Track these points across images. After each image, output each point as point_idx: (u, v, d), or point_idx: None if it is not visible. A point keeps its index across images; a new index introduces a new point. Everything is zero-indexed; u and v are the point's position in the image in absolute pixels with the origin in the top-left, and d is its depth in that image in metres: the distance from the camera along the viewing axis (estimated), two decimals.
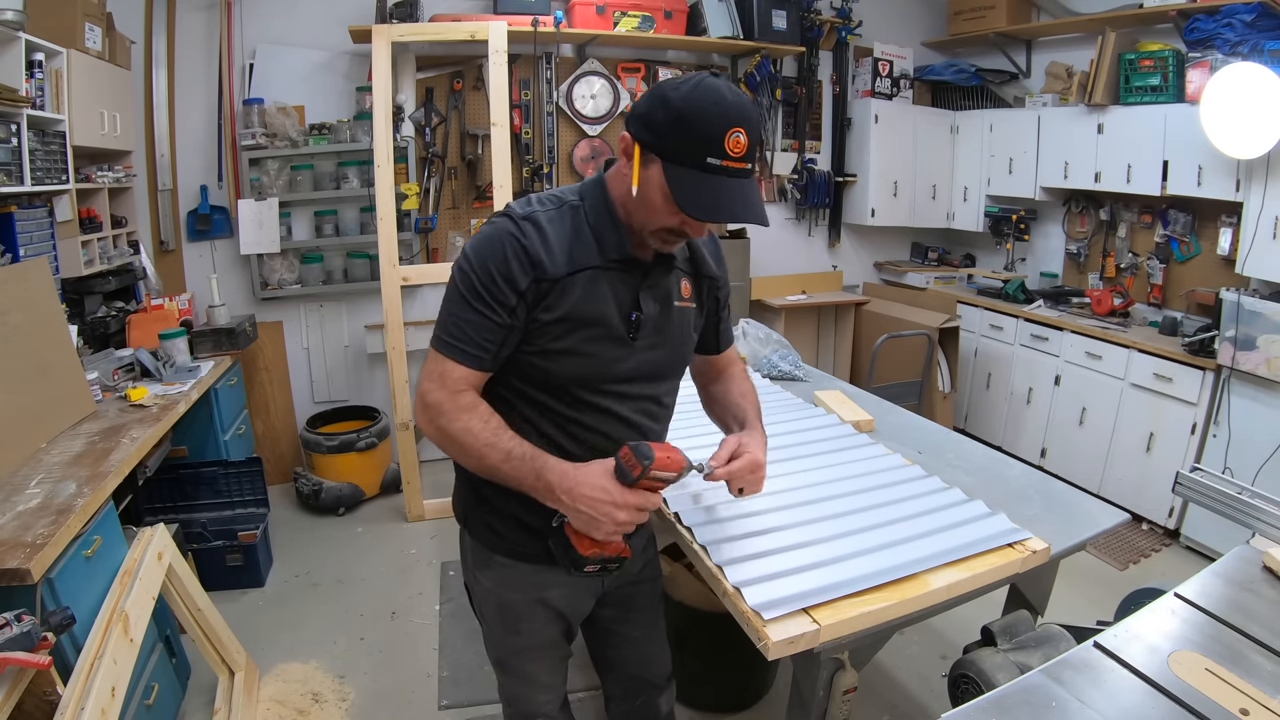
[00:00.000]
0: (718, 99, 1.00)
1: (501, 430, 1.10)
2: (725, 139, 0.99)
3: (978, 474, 1.83)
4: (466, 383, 1.11)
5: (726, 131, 0.99)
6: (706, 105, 1.00)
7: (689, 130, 1.00)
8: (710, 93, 1.01)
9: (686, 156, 1.01)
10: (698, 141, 1.00)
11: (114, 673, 1.50)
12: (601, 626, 1.45)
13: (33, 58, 2.29)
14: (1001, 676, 1.21)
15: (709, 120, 0.99)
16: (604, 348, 1.13)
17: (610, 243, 1.12)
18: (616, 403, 1.17)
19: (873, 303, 4.39)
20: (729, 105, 1.00)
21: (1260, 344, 2.81)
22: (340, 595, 2.81)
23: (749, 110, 1.02)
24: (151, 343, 2.74)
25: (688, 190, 1.01)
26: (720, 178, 1.01)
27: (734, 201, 1.03)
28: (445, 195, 3.77)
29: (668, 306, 1.20)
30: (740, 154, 1.01)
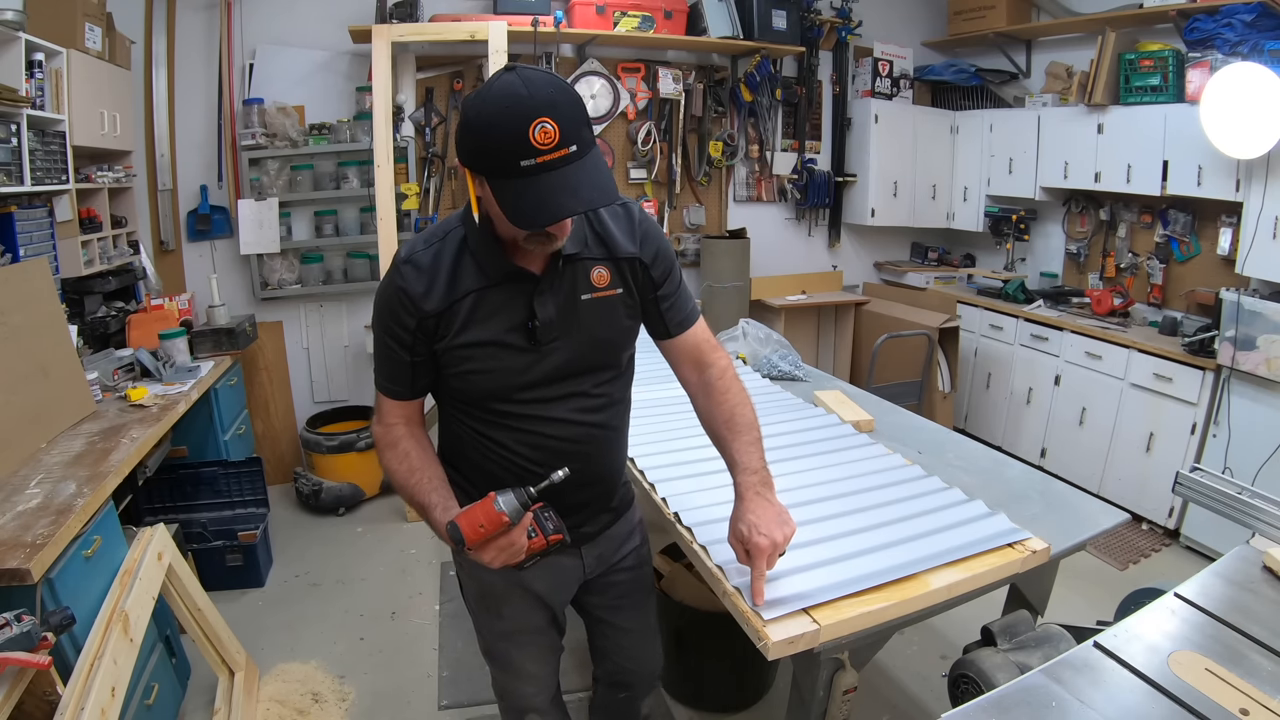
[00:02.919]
0: (510, 99, 0.95)
1: (413, 473, 1.19)
2: (530, 134, 0.94)
3: (978, 474, 1.83)
4: (396, 414, 1.23)
5: (528, 127, 0.93)
6: (500, 109, 0.95)
7: (491, 142, 0.96)
8: (501, 95, 0.95)
9: (501, 168, 0.97)
10: (503, 150, 0.95)
11: (114, 673, 1.50)
12: (590, 613, 1.48)
13: (33, 58, 2.29)
14: (1001, 676, 1.21)
15: (506, 123, 0.95)
16: (507, 360, 1.15)
17: (492, 263, 1.12)
18: (543, 407, 1.20)
19: (873, 303, 4.39)
20: (523, 100, 0.94)
21: (1260, 344, 2.81)
22: (340, 595, 2.81)
23: (550, 94, 0.96)
24: (151, 343, 2.74)
25: (513, 202, 0.98)
26: (540, 176, 0.96)
27: (560, 196, 0.97)
28: (445, 195, 3.77)
29: (572, 304, 1.17)
30: (551, 143, 0.94)
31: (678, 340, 1.31)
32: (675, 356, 1.34)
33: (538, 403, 1.19)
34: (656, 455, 1.84)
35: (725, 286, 4.16)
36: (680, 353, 1.32)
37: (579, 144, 0.98)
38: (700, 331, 1.33)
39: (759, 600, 1.19)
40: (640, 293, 1.24)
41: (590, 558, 1.37)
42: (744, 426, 1.27)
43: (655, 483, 1.69)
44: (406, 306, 1.11)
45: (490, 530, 1.06)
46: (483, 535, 1.06)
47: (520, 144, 0.94)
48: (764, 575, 1.19)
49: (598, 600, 1.45)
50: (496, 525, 1.06)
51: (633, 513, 1.45)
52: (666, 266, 1.26)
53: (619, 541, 1.41)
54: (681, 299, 1.30)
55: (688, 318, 1.31)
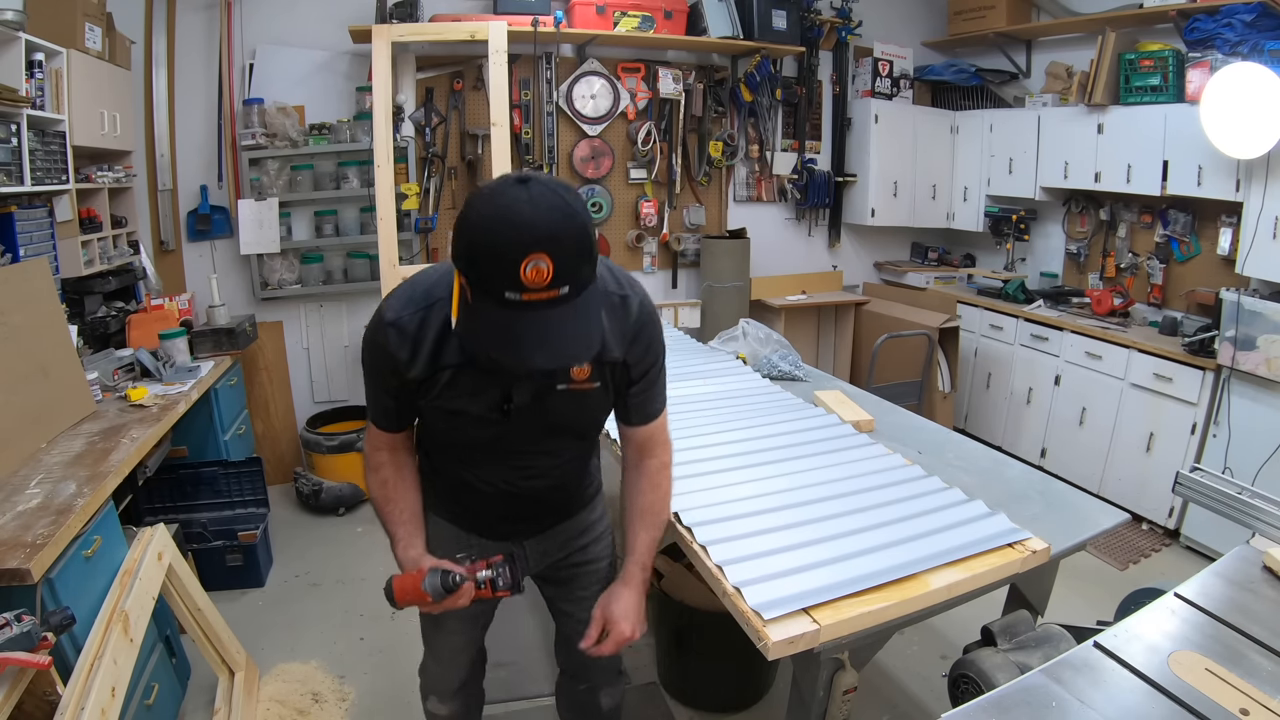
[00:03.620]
0: (514, 220, 0.87)
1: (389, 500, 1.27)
2: (521, 269, 0.86)
3: (978, 474, 1.83)
4: (381, 441, 1.28)
5: (521, 260, 0.85)
6: (500, 228, 0.87)
7: (482, 260, 0.89)
8: (504, 212, 0.87)
9: (485, 289, 0.90)
10: (492, 274, 0.88)
11: (114, 673, 1.50)
12: (552, 604, 1.53)
13: (33, 58, 2.29)
14: (1001, 676, 1.22)
15: (501, 247, 0.87)
16: (479, 429, 1.19)
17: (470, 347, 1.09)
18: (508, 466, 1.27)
19: (873, 303, 4.39)
20: (524, 227, 0.86)
21: (1260, 344, 2.81)
22: (340, 595, 2.81)
23: (553, 226, 0.87)
24: (151, 343, 2.74)
25: (478, 322, 0.93)
26: (518, 313, 0.89)
27: (523, 344, 0.91)
28: (445, 195, 3.77)
29: (548, 390, 1.15)
30: (542, 283, 0.87)
31: (637, 429, 1.30)
32: (628, 439, 1.33)
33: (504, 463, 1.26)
34: None
35: (725, 286, 4.16)
36: (635, 439, 1.32)
37: (573, 284, 0.91)
38: (658, 427, 1.31)
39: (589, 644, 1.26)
40: (616, 388, 1.23)
41: (534, 553, 1.42)
42: (655, 523, 1.31)
43: None
44: (390, 365, 1.13)
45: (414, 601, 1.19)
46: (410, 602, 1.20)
47: (509, 277, 0.87)
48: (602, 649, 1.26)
49: (555, 592, 1.50)
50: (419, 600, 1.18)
51: (589, 512, 1.46)
52: (648, 367, 1.22)
53: (567, 538, 1.44)
54: (653, 395, 1.27)
55: (653, 413, 1.29)
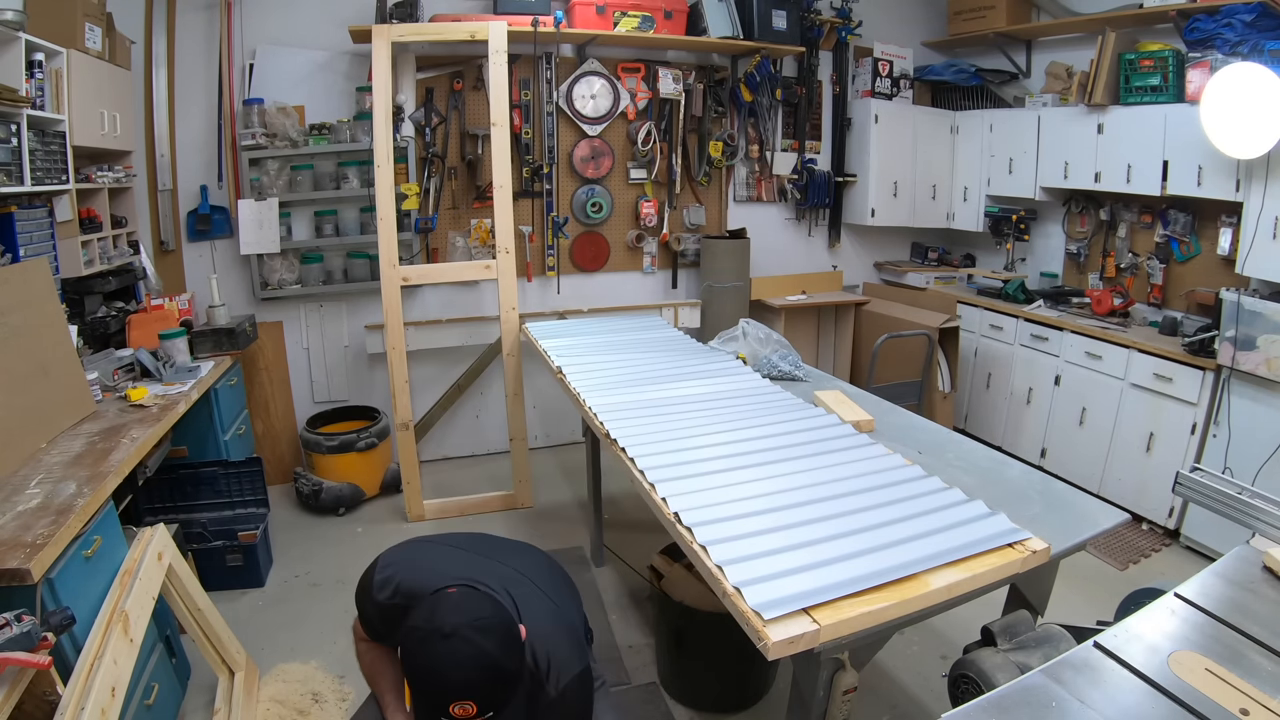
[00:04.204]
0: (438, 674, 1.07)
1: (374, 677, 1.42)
2: (449, 710, 1.06)
3: (978, 474, 1.83)
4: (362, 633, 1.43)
5: (449, 704, 1.06)
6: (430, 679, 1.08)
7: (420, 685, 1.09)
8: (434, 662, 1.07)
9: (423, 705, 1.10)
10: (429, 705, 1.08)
11: (114, 673, 1.50)
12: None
13: (33, 58, 2.29)
14: (1001, 676, 1.22)
15: (432, 694, 1.07)
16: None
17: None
18: None
19: (873, 303, 4.39)
20: (449, 678, 1.06)
21: (1260, 344, 2.81)
22: (340, 595, 2.81)
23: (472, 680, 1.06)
24: (151, 343, 2.74)
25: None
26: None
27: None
28: (445, 195, 3.77)
29: None
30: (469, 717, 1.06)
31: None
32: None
33: None
34: (656, 455, 1.83)
35: (725, 286, 4.16)
36: None
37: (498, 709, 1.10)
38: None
39: None
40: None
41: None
42: None
43: (655, 483, 1.68)
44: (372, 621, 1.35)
45: None
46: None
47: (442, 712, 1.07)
48: None
49: None
50: None
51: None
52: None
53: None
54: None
55: None
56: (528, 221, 3.92)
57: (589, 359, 2.66)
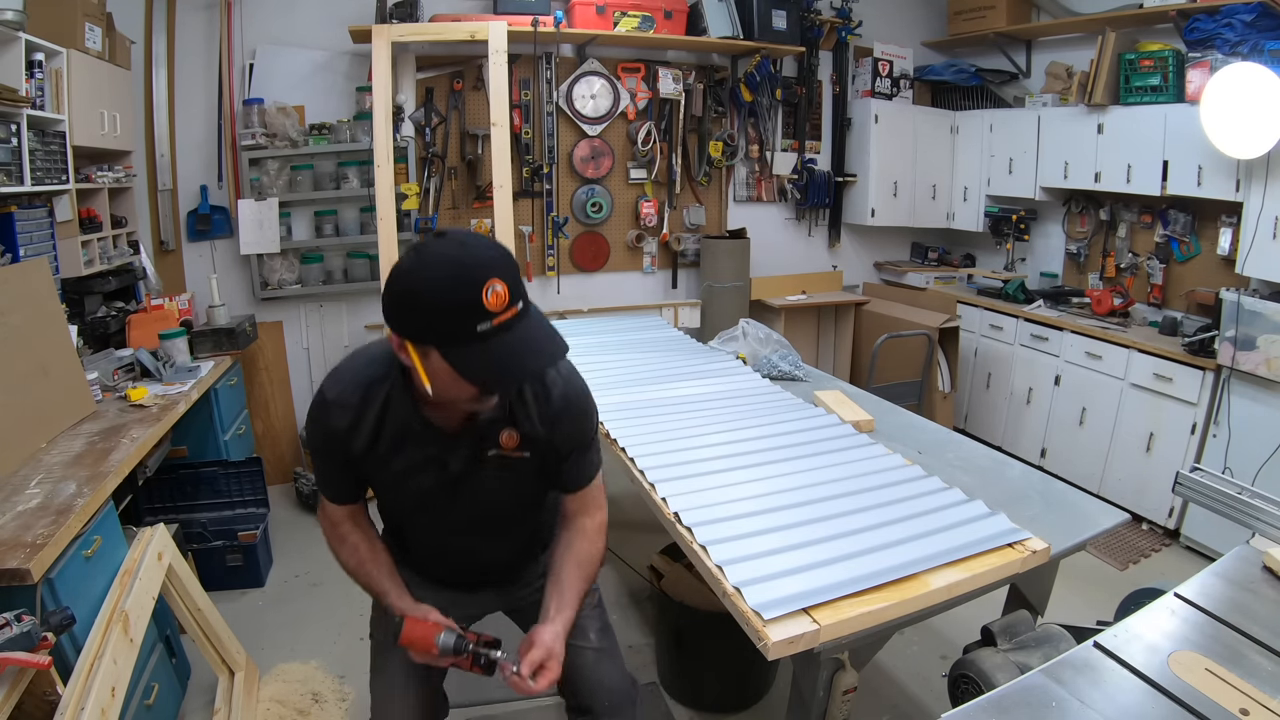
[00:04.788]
0: (455, 266, 0.96)
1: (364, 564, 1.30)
2: (484, 298, 0.94)
3: (978, 474, 1.83)
4: (340, 514, 1.30)
5: (481, 291, 0.94)
6: (447, 277, 0.95)
7: (445, 310, 0.95)
8: (445, 263, 0.96)
9: (456, 335, 0.96)
10: (459, 317, 0.95)
11: (114, 673, 1.50)
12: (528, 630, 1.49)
13: (33, 58, 2.29)
14: (1001, 676, 1.22)
15: (458, 291, 0.95)
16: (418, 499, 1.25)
17: (412, 418, 1.17)
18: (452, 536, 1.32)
19: (873, 303, 4.39)
20: (470, 266, 0.95)
21: (1260, 344, 2.81)
22: (340, 595, 2.80)
23: (493, 255, 0.98)
24: (151, 343, 2.74)
25: (474, 366, 0.98)
26: (498, 338, 0.97)
27: (523, 356, 0.99)
28: (445, 195, 3.76)
29: (481, 457, 1.20)
30: (504, 304, 0.96)
31: (574, 496, 1.33)
32: (562, 501, 1.35)
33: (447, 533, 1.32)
34: (656, 455, 1.84)
35: (725, 286, 4.16)
36: (568, 502, 1.34)
37: (524, 300, 1.00)
38: (592, 490, 1.33)
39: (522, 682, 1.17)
40: (545, 459, 1.25)
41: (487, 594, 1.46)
42: (588, 574, 1.31)
43: (655, 483, 1.69)
44: (332, 442, 1.19)
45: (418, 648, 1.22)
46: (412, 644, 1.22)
47: (474, 310, 0.94)
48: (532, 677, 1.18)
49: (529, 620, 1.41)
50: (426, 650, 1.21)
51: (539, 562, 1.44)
52: (575, 443, 1.25)
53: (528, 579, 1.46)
54: (584, 465, 1.29)
55: (585, 479, 1.31)
56: (528, 221, 3.92)
57: (589, 359, 2.66)
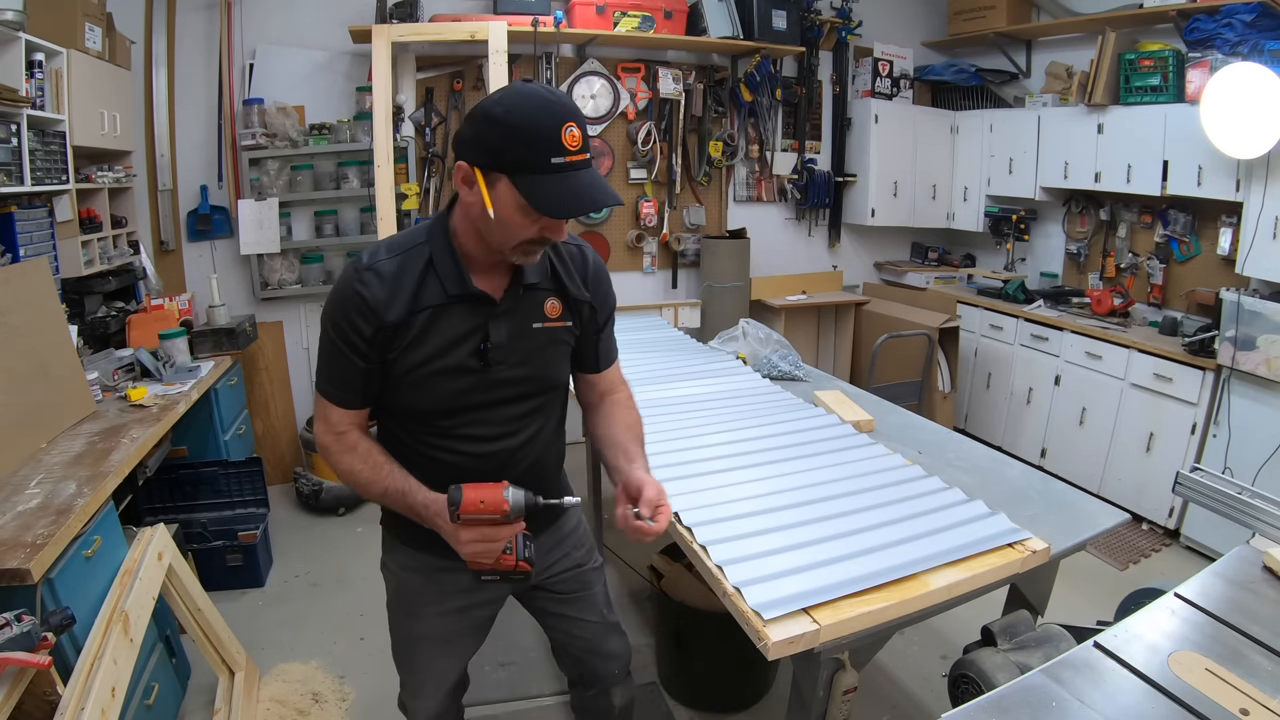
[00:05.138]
0: (542, 102, 1.03)
1: (380, 467, 1.20)
2: (562, 136, 1.02)
3: (978, 474, 1.83)
4: (346, 422, 1.22)
5: (561, 128, 1.02)
6: (534, 110, 1.02)
7: (527, 138, 1.02)
8: (533, 97, 1.04)
9: (531, 163, 1.02)
10: (538, 146, 1.02)
11: (114, 673, 1.50)
12: (541, 609, 1.50)
13: (33, 58, 2.29)
14: (1001, 676, 1.21)
15: (541, 123, 1.02)
16: (455, 379, 1.18)
17: (452, 280, 1.15)
18: (484, 426, 1.23)
19: (873, 303, 4.39)
20: (555, 104, 1.03)
21: (1260, 344, 2.81)
22: (340, 595, 2.81)
23: (573, 105, 1.06)
24: (151, 343, 2.74)
25: (543, 193, 1.03)
26: (569, 174, 1.03)
27: (590, 191, 1.05)
28: (445, 195, 3.77)
29: (525, 330, 1.21)
30: (578, 146, 1.03)
31: (602, 375, 1.39)
32: (592, 385, 1.41)
33: (479, 423, 1.23)
34: (656, 455, 1.83)
35: (725, 286, 4.16)
36: (599, 384, 1.40)
37: (591, 153, 1.08)
38: (618, 371, 1.43)
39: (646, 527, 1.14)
40: (585, 329, 1.31)
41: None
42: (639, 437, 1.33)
43: None
44: (365, 314, 1.12)
45: (486, 510, 1.07)
46: (478, 511, 1.07)
47: (553, 143, 1.01)
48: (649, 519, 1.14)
49: (545, 599, 1.47)
50: (495, 510, 1.07)
51: (564, 522, 1.45)
52: (609, 311, 1.35)
53: (555, 542, 1.43)
54: (613, 339, 1.40)
55: (613, 354, 1.41)
56: None
57: None
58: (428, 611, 1.38)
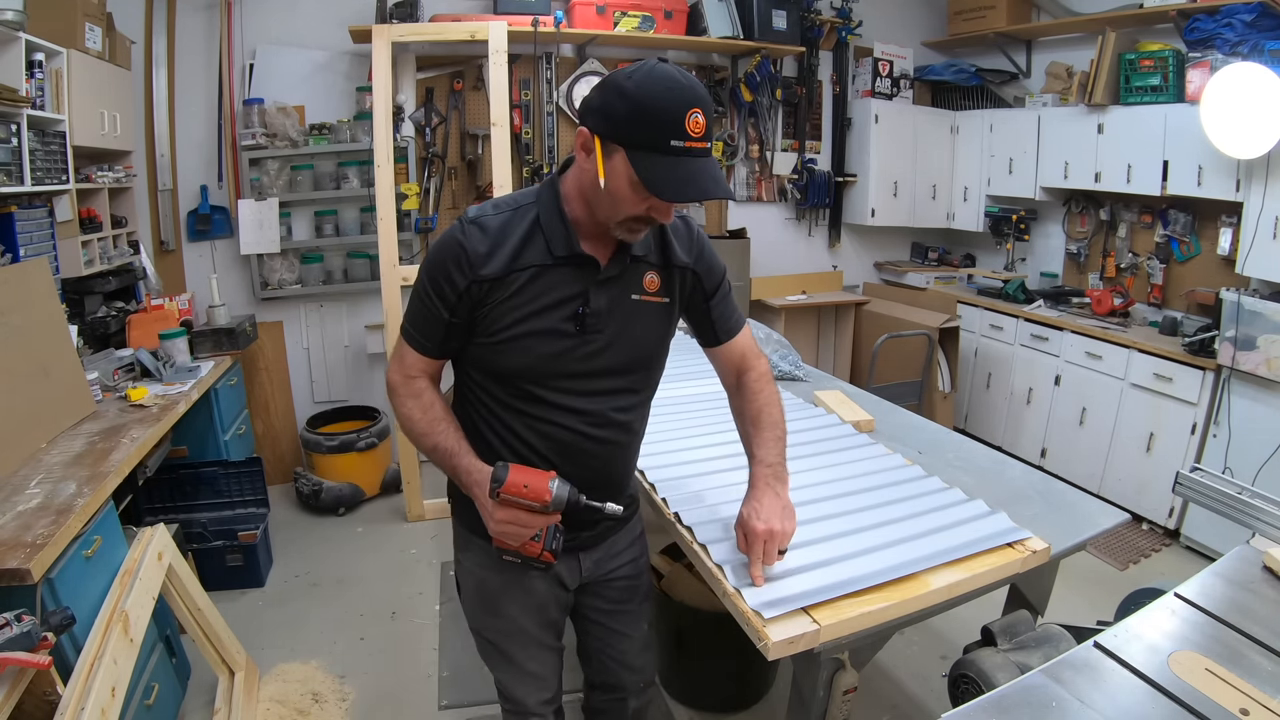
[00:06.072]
0: (672, 84, 1.02)
1: (438, 421, 1.21)
2: (685, 120, 1.01)
3: (978, 474, 1.83)
4: (419, 368, 1.22)
5: (686, 113, 1.01)
6: (662, 90, 1.01)
7: (650, 116, 1.01)
8: (664, 78, 1.02)
9: (650, 142, 1.02)
10: (660, 126, 1.01)
11: (114, 673, 1.50)
12: (585, 616, 1.47)
13: (33, 58, 2.29)
14: (1001, 676, 1.21)
15: (668, 104, 1.01)
16: (549, 342, 1.15)
17: (559, 241, 1.14)
18: (571, 397, 1.20)
19: (873, 303, 4.39)
20: (685, 88, 1.02)
21: (1260, 344, 2.81)
22: (340, 595, 2.81)
23: (703, 92, 1.05)
24: (151, 343, 2.74)
25: (656, 174, 1.02)
26: (685, 159, 1.03)
27: (702, 179, 1.04)
28: (445, 195, 3.77)
29: (623, 301, 1.20)
30: (700, 134, 1.02)
31: (725, 347, 1.38)
32: (721, 361, 1.40)
33: (567, 393, 1.19)
34: (657, 455, 1.83)
35: None
36: (726, 358, 1.39)
37: (711, 143, 1.06)
38: (745, 339, 1.40)
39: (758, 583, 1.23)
40: (689, 303, 1.31)
41: (588, 562, 1.37)
42: (769, 424, 1.33)
43: (655, 483, 1.69)
44: (463, 265, 1.11)
45: (528, 496, 1.07)
46: (519, 494, 1.07)
47: (676, 126, 1.01)
48: (759, 561, 1.23)
49: (593, 603, 1.44)
50: (536, 498, 1.07)
51: (635, 524, 1.45)
52: (718, 279, 1.33)
53: (617, 550, 1.41)
54: (730, 309, 1.37)
55: (735, 326, 1.38)
56: None
57: None
58: (513, 609, 1.35)
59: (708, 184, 1.05)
